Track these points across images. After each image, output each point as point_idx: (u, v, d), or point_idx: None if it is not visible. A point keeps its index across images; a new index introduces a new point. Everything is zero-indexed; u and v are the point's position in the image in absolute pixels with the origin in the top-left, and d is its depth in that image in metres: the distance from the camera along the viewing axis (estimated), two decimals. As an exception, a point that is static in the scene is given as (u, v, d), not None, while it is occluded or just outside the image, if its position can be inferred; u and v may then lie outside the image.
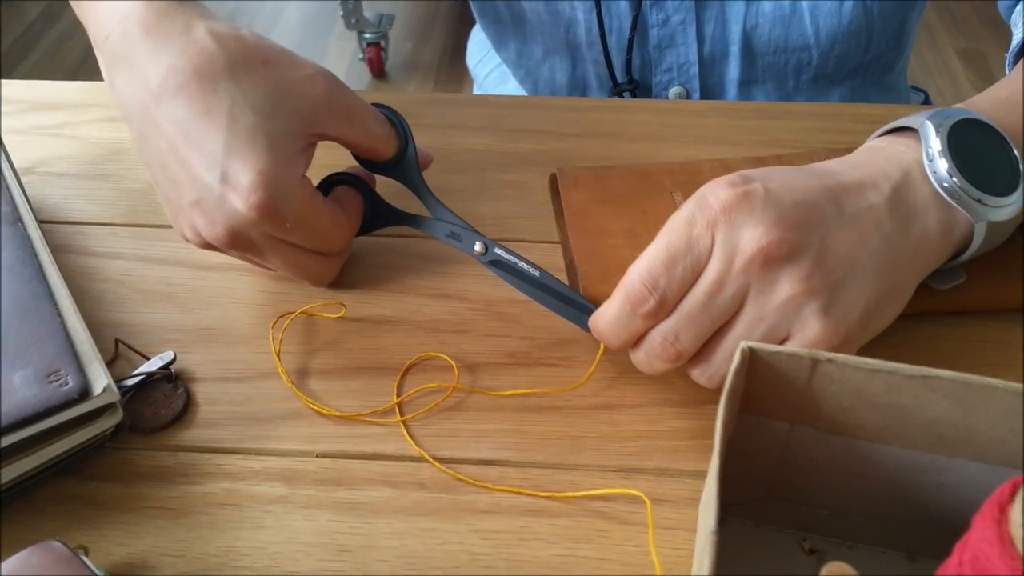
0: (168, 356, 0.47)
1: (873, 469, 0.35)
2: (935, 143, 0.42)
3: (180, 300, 0.51)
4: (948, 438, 0.33)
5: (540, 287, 0.47)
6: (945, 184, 0.41)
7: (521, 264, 0.47)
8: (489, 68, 0.90)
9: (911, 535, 0.37)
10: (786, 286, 0.38)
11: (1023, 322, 0.48)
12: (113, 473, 0.43)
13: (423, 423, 0.44)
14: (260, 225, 0.44)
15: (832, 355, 0.32)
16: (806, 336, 0.38)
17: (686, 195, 0.42)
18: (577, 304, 0.46)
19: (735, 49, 0.72)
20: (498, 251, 0.48)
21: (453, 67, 2.24)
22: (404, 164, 0.51)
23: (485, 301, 0.50)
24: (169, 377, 0.46)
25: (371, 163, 0.51)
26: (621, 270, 0.41)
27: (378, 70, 2.21)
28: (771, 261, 0.38)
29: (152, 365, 0.47)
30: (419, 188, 0.51)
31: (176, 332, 0.49)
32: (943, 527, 0.35)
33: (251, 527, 0.40)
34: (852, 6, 0.69)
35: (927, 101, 0.88)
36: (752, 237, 0.38)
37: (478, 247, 0.48)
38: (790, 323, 0.38)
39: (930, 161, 0.42)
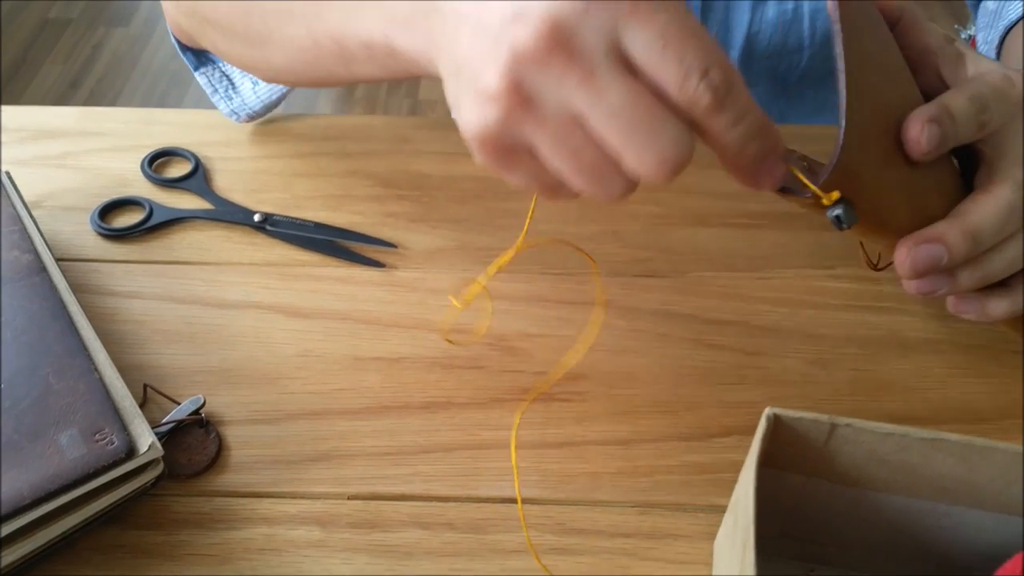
0: (198, 400, 0.49)
1: (880, 515, 0.38)
2: None
3: (202, 340, 0.52)
4: (951, 490, 0.36)
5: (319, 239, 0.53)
6: None
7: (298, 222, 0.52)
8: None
9: (912, 568, 0.40)
10: None
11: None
12: (154, 521, 0.44)
13: (446, 462, 0.47)
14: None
15: (850, 420, 0.35)
16: None
17: None
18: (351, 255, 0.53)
19: (735, 54, 0.74)
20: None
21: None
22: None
23: (498, 336, 0.52)
24: (200, 422, 0.48)
25: None
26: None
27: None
28: None
29: (183, 411, 0.48)
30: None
31: (201, 374, 0.51)
32: (942, 562, 0.39)
33: (292, 572, 0.43)
34: None
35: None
36: None
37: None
38: None
39: None
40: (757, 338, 0.52)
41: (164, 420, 0.48)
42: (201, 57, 0.63)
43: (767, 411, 0.35)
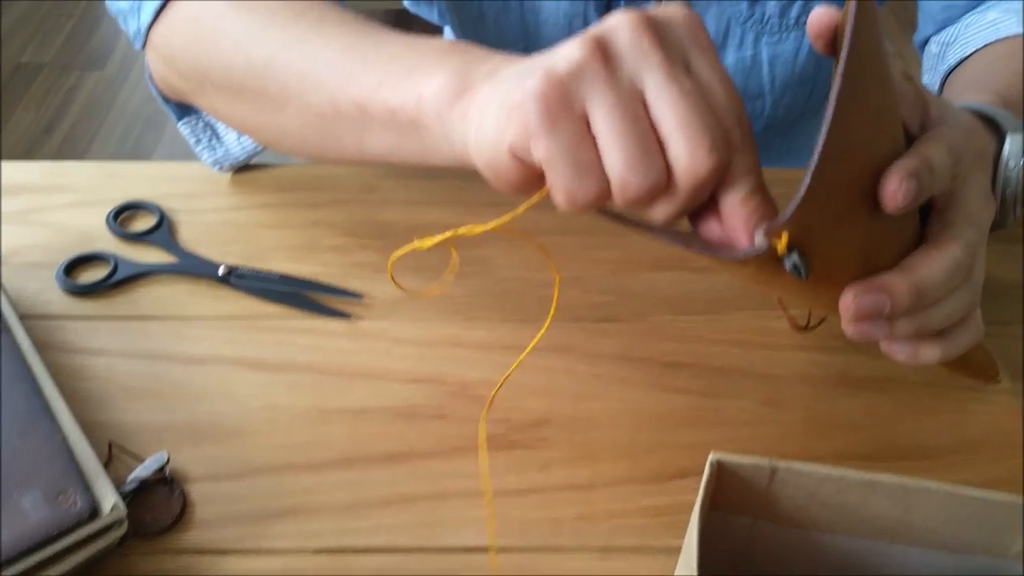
0: (162, 458, 0.49)
1: (824, 555, 0.39)
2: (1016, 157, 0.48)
3: (167, 396, 0.53)
4: (889, 529, 0.37)
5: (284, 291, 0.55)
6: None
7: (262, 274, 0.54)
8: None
9: (860, 605, 0.42)
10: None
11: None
12: (119, 580, 0.45)
13: (410, 513, 0.47)
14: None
15: (789, 463, 0.36)
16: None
17: None
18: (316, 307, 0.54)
19: None
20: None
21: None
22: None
23: (460, 383, 0.53)
24: (165, 479, 0.49)
25: None
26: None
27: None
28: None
29: (147, 468, 0.49)
30: None
31: (166, 430, 0.51)
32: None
33: (257, 627, 0.43)
34: (805, 56, 0.73)
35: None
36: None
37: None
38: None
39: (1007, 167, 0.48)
40: (713, 380, 0.54)
41: (129, 478, 0.48)
42: (184, 108, 0.64)
43: (711, 457, 0.36)
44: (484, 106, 0.38)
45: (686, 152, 0.34)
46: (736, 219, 0.37)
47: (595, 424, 0.51)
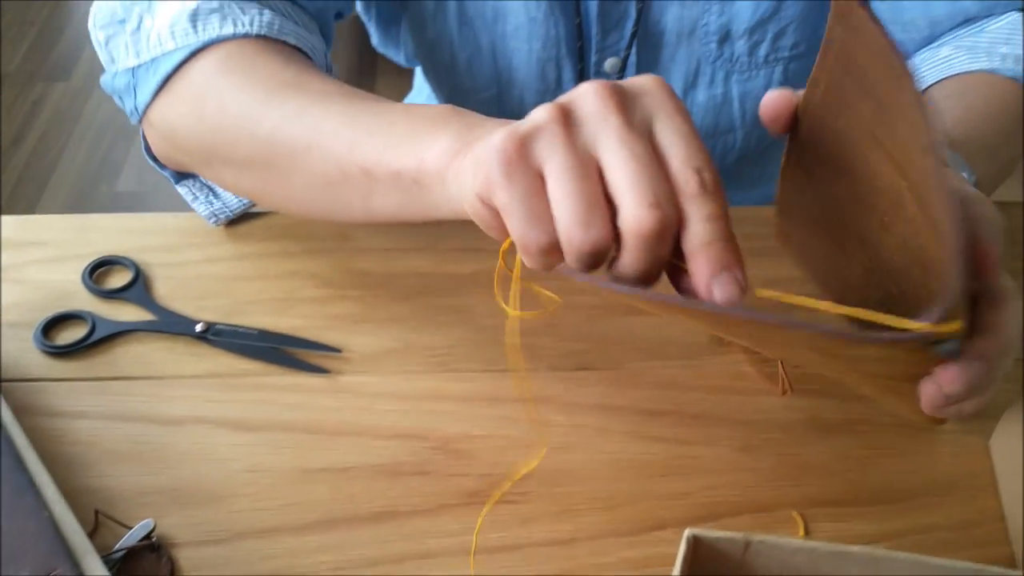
0: (148, 525, 0.50)
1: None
2: None
3: (150, 459, 0.53)
4: (862, 595, 0.39)
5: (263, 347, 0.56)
6: None
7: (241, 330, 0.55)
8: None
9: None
10: None
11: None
12: (109, 654, 0.45)
13: (396, 572, 0.48)
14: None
15: (763, 537, 0.37)
16: None
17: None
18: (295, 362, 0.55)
19: None
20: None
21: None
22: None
23: (442, 438, 0.54)
24: (152, 546, 0.49)
25: None
26: None
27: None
28: None
29: (134, 536, 0.49)
30: None
31: (151, 494, 0.52)
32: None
33: None
34: (777, 87, 0.74)
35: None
36: None
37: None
38: None
39: None
40: (690, 427, 0.55)
41: (116, 547, 0.49)
42: (182, 172, 0.64)
43: (687, 532, 0.37)
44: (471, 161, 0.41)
45: (630, 209, 0.36)
46: (695, 265, 0.37)
47: (575, 476, 0.52)
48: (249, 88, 0.53)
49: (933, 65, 0.66)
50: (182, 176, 0.65)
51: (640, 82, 0.39)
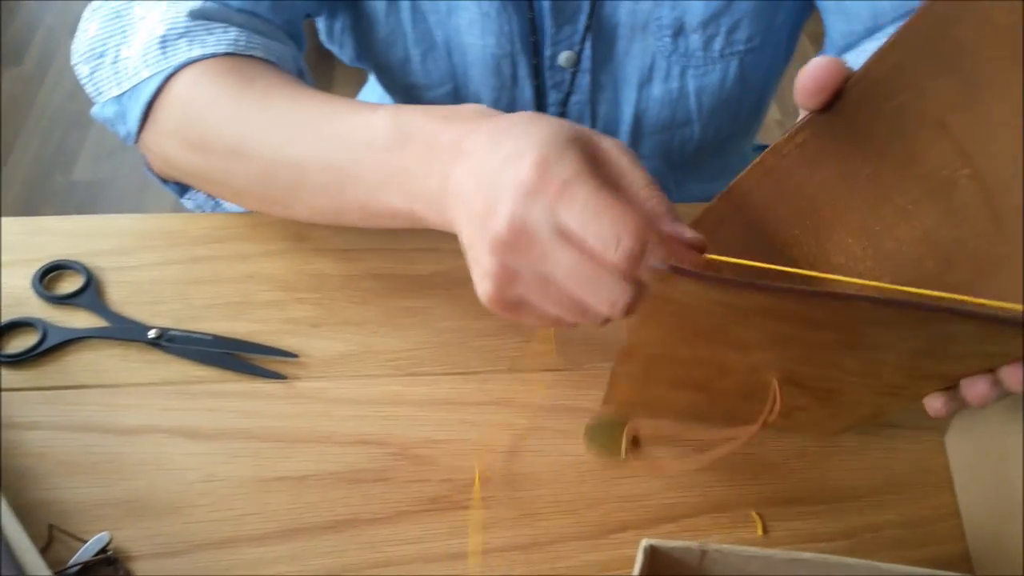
0: (104, 539, 0.49)
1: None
2: None
3: (104, 470, 0.52)
4: (816, 600, 0.39)
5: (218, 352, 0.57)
6: None
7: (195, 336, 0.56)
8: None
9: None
10: None
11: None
12: (64, 672, 0.45)
13: (357, 582, 0.48)
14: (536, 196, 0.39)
15: (719, 546, 0.38)
16: None
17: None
18: (251, 368, 0.56)
19: (625, 128, 0.77)
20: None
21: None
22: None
23: (401, 444, 0.54)
24: (108, 560, 0.48)
25: None
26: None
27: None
28: None
29: (89, 551, 0.48)
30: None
31: (105, 506, 0.51)
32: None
33: None
34: (731, 83, 0.74)
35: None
36: None
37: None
38: None
39: None
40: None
41: (70, 563, 0.48)
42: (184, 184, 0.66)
43: (643, 543, 0.37)
44: (459, 220, 0.44)
45: (597, 310, 0.41)
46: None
47: (537, 480, 0.52)
48: (228, 116, 0.55)
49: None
50: (186, 190, 0.66)
51: (536, 215, 0.40)
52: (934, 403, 0.43)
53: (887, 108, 0.39)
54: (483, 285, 0.43)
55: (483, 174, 0.42)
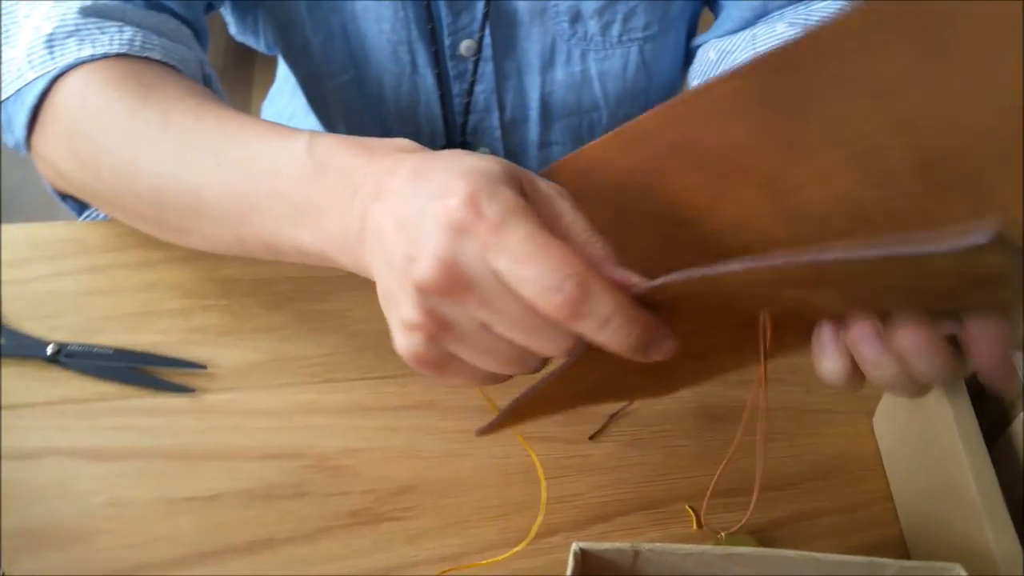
0: (-5, 576, 0.45)
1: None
2: None
3: (4, 498, 0.48)
4: (753, 594, 0.38)
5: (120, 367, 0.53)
6: None
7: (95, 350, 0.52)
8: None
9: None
10: None
11: (806, 408, 0.54)
12: None
13: (276, 605, 0.45)
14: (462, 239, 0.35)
15: (651, 545, 0.36)
16: None
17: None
18: (156, 382, 0.52)
19: (533, 114, 0.76)
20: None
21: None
22: None
23: (319, 455, 0.51)
24: (-1, 599, 0.45)
25: None
26: None
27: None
28: None
29: (-22, 590, 0.45)
30: None
31: (2, 539, 0.47)
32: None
33: None
34: (634, 69, 0.74)
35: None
36: None
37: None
38: None
39: None
40: (577, 425, 0.53)
41: (-42, 603, 0.44)
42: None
43: (574, 546, 0.36)
44: (376, 265, 0.39)
45: (546, 354, 0.37)
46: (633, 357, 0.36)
47: (463, 485, 0.50)
48: (119, 130, 0.50)
49: (769, 39, 0.68)
50: (85, 206, 0.61)
51: (446, 279, 0.35)
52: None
53: (833, 70, 0.37)
54: (406, 339, 0.38)
55: (406, 214, 0.37)
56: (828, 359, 0.38)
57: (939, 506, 0.45)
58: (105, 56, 0.52)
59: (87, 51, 0.52)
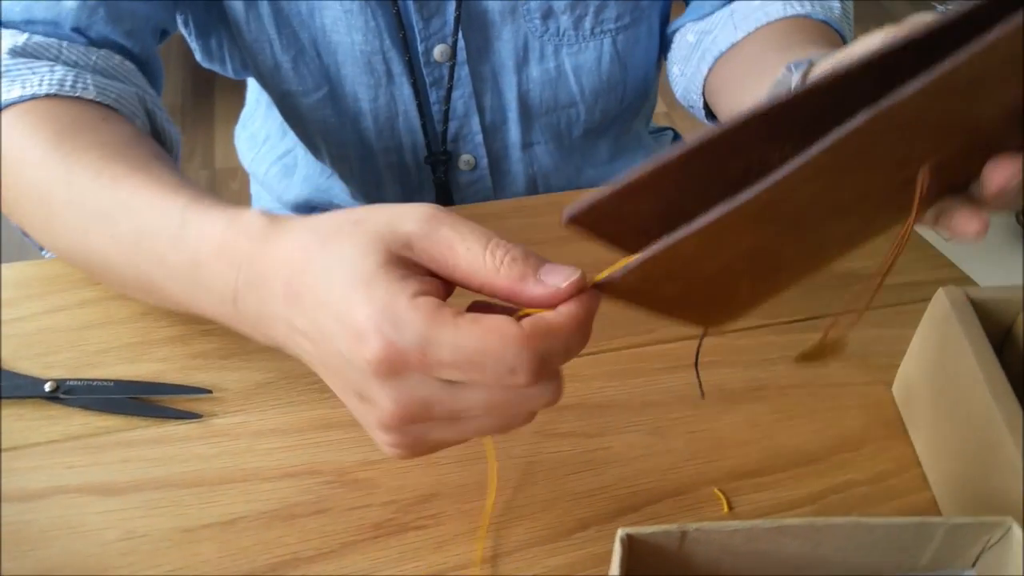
0: (11, 621, 0.43)
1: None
2: None
3: (10, 543, 0.46)
4: (803, 566, 0.37)
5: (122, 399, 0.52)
6: None
7: (95, 384, 0.52)
8: (268, 163, 0.88)
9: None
10: None
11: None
12: None
13: (307, 626, 0.44)
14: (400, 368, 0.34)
15: (698, 524, 0.35)
16: None
17: None
18: (161, 411, 0.52)
19: (513, 115, 0.76)
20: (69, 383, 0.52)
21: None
22: None
23: (337, 470, 0.50)
24: (18, 645, 0.43)
25: None
26: None
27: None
28: None
29: (-5, 637, 0.43)
30: None
31: (12, 585, 0.45)
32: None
33: None
34: (608, 61, 0.74)
35: (676, 137, 0.97)
36: None
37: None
38: None
39: None
40: (597, 418, 0.53)
41: (-25, 653, 0.42)
42: None
43: (620, 533, 0.35)
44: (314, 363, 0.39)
45: (523, 421, 0.38)
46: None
47: (486, 488, 0.49)
48: (28, 182, 0.50)
49: (749, 12, 0.68)
50: None
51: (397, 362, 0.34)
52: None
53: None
54: (389, 452, 0.38)
55: (331, 363, 0.37)
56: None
57: (972, 466, 0.45)
58: (34, 97, 0.52)
59: (16, 92, 0.52)
